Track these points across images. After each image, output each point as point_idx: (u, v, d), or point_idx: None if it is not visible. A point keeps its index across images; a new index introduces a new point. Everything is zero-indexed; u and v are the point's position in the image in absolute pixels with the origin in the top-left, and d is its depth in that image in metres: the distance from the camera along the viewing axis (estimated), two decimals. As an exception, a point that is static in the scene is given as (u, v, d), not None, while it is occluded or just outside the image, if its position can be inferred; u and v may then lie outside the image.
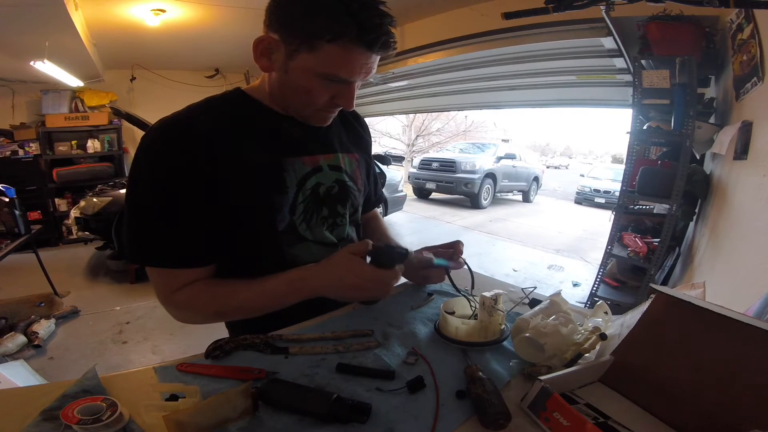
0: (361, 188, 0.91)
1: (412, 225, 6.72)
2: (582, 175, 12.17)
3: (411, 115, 13.12)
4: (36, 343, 2.45)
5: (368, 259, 0.69)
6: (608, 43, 2.87)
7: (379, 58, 0.69)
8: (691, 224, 2.59)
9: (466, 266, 0.86)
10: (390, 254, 0.69)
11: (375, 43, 0.64)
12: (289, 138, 0.77)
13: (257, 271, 0.74)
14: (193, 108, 0.72)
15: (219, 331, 0.86)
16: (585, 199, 10.35)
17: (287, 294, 0.72)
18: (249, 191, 0.71)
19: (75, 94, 4.94)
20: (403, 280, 0.95)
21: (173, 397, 0.52)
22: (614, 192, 8.47)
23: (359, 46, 0.64)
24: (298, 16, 0.64)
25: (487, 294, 0.69)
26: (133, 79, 5.16)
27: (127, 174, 5.14)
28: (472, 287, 0.85)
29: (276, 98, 0.75)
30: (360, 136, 0.95)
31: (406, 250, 0.71)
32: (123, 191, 3.72)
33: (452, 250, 0.86)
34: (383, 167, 5.41)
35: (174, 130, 0.68)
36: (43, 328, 2.59)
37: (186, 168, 0.66)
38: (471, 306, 0.77)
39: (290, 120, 0.77)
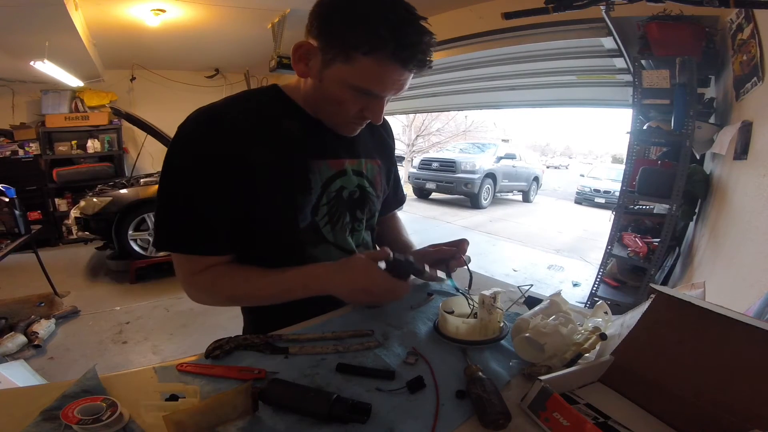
0: (380, 194, 0.92)
1: (412, 225, 6.72)
2: (582, 175, 12.18)
3: (411, 115, 13.12)
4: (36, 343, 2.45)
5: (382, 265, 0.70)
6: (608, 43, 2.87)
7: (412, 75, 0.68)
8: (691, 224, 2.60)
9: (466, 267, 0.87)
10: (406, 268, 0.73)
11: (410, 61, 0.64)
12: (317, 140, 0.78)
13: (279, 266, 0.75)
14: (230, 101, 0.74)
15: (219, 331, 0.86)
16: (585, 199, 10.35)
17: (299, 288, 0.73)
18: (274, 188, 0.73)
19: (75, 94, 4.94)
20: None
21: (173, 397, 0.52)
22: (614, 192, 8.48)
23: (393, 62, 0.63)
24: (338, 26, 0.64)
25: (486, 292, 0.69)
26: (133, 79, 5.16)
27: (127, 174, 5.15)
28: (469, 287, 0.85)
29: (309, 102, 0.77)
30: (384, 141, 0.96)
31: (423, 267, 0.76)
32: (123, 191, 3.72)
33: (455, 249, 0.86)
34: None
35: (209, 121, 0.69)
36: (43, 328, 2.59)
37: (216, 159, 0.68)
38: (469, 304, 0.77)
39: (320, 123, 0.78)
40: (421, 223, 6.92)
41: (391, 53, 0.62)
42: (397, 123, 14.81)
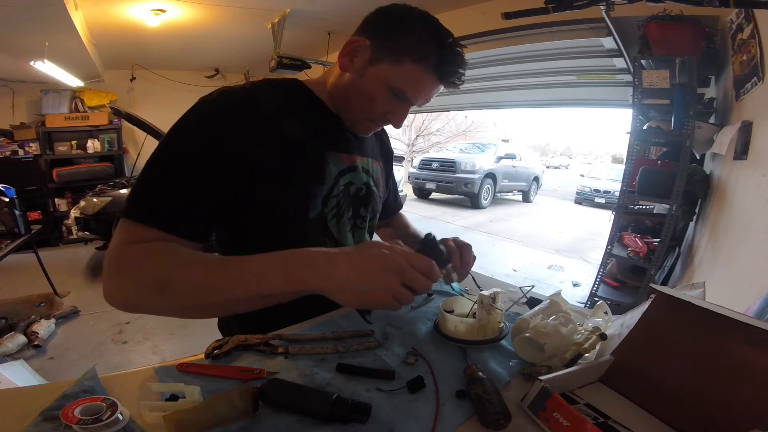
0: (382, 195, 0.96)
1: (412, 225, 6.70)
2: (582, 175, 12.17)
3: (411, 115, 13.10)
4: (36, 343, 2.45)
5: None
6: (608, 43, 2.87)
7: (440, 89, 0.75)
8: (691, 224, 2.59)
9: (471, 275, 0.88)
10: (437, 253, 0.67)
11: (447, 77, 0.72)
12: (334, 134, 0.81)
13: None
14: (256, 84, 0.74)
15: (219, 331, 0.86)
16: (585, 199, 10.35)
17: (274, 277, 0.53)
18: (290, 173, 0.72)
19: (75, 94, 4.94)
20: None
21: (173, 397, 0.52)
22: (614, 192, 8.47)
23: (433, 73, 0.71)
24: (397, 31, 0.70)
25: (486, 293, 0.69)
26: (133, 79, 5.16)
27: (127, 174, 5.12)
28: (479, 287, 0.86)
29: (335, 97, 0.79)
30: (386, 146, 1.04)
31: (448, 257, 0.72)
32: (123, 191, 3.72)
33: (462, 260, 0.81)
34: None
35: (237, 94, 0.68)
36: (43, 328, 2.59)
37: (240, 123, 0.65)
38: (473, 303, 0.77)
39: (338, 119, 0.81)
40: (421, 223, 6.86)
41: (434, 65, 0.70)
42: (397, 123, 14.77)
